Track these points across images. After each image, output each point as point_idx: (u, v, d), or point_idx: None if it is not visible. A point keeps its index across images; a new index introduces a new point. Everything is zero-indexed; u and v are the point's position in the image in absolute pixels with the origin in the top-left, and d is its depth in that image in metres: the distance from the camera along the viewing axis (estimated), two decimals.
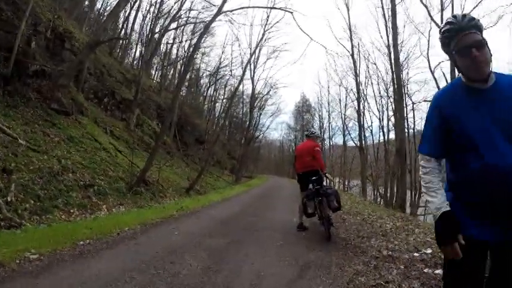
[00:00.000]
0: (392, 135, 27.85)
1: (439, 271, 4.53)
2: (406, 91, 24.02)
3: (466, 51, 1.81)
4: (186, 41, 37.94)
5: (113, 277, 3.80)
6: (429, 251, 5.61)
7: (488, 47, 1.82)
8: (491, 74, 1.85)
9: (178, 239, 6.02)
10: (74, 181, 8.96)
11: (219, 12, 16.61)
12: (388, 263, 5.02)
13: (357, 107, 29.97)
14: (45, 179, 8.12)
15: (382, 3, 23.29)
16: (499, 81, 1.85)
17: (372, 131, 34.12)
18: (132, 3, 25.92)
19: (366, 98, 32.38)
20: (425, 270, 4.63)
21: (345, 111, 38.53)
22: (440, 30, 1.97)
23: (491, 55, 1.83)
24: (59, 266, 4.05)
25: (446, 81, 18.35)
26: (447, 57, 2.19)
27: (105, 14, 26.78)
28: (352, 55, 28.79)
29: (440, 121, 1.99)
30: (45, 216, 7.07)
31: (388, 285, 4.08)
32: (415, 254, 5.45)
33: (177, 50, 40.43)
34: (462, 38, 1.83)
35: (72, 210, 7.92)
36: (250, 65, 36.18)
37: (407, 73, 26.84)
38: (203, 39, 28.48)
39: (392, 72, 21.71)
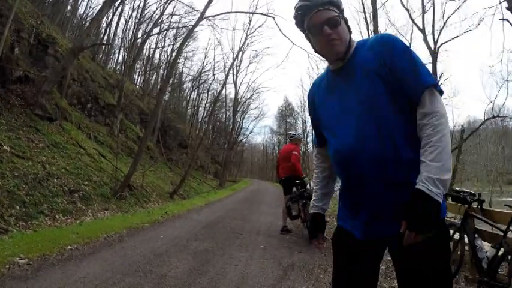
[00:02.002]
0: None
1: None
2: None
3: (318, 30, 1.64)
4: (168, 45, 38.03)
5: (101, 280, 3.90)
6: None
7: (346, 24, 1.69)
8: (351, 50, 1.69)
9: (164, 242, 6.12)
10: (59, 187, 8.97)
11: (202, 17, 16.74)
12: None
13: None
14: (30, 184, 8.13)
15: (363, 7, 23.63)
16: (357, 53, 1.68)
17: None
18: (114, 8, 25.83)
19: None
20: None
21: None
22: (294, 7, 1.73)
23: (350, 32, 1.70)
24: (48, 270, 4.13)
25: None
26: (430, 60, 2.25)
27: (88, 18, 26.73)
28: None
29: (313, 112, 1.95)
30: (31, 222, 7.09)
31: None
32: None
33: (160, 55, 40.46)
34: (314, 16, 1.64)
35: (57, 216, 7.95)
36: (233, 69, 36.39)
37: None
38: (186, 43, 28.51)
39: None
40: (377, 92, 1.56)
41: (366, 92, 1.58)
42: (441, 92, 1.53)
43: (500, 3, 12.57)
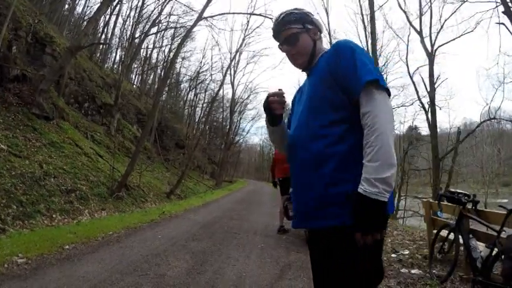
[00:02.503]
0: None
1: (415, 271, 4.80)
2: None
3: (280, 49, 1.89)
4: (166, 45, 37.91)
5: (100, 279, 3.93)
6: (406, 252, 5.87)
7: (307, 35, 1.83)
8: (316, 58, 1.83)
9: (162, 242, 6.15)
10: (56, 186, 8.98)
11: (200, 17, 16.77)
12: None
13: None
14: (27, 184, 8.13)
15: (361, 9, 23.65)
16: (319, 61, 1.80)
17: None
18: (112, 7, 25.81)
19: None
20: (402, 270, 4.88)
21: None
22: None
23: (313, 42, 1.84)
24: (47, 270, 4.16)
25: (425, 85, 18.72)
26: (427, 62, 2.27)
27: (86, 18, 26.67)
28: None
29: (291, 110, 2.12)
30: (28, 221, 7.10)
31: None
32: (393, 255, 5.70)
33: (157, 55, 40.39)
34: (278, 38, 1.89)
35: (54, 215, 7.96)
36: (230, 69, 36.33)
37: (386, 78, 27.21)
38: (183, 44, 28.52)
39: None
40: (318, 94, 1.67)
41: (312, 93, 1.72)
42: (384, 88, 1.52)
43: (496, 7, 12.65)
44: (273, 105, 1.75)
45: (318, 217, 1.56)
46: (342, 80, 1.58)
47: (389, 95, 1.56)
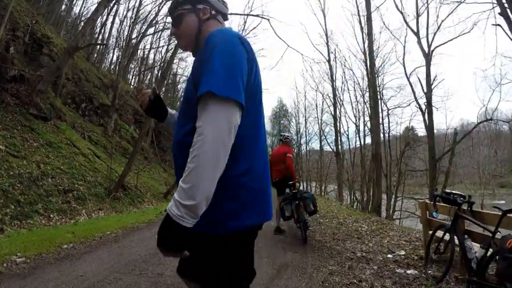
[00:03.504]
0: (368, 140, 28.32)
1: (411, 271, 4.83)
2: (381, 97, 24.43)
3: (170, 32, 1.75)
4: (163, 46, 37.89)
5: (99, 278, 3.96)
6: (402, 252, 5.91)
7: (194, 16, 1.66)
8: (202, 42, 1.51)
9: None
10: (54, 186, 8.99)
11: None
12: (362, 263, 5.29)
13: (333, 112, 30.21)
14: (25, 184, 8.14)
15: (358, 10, 23.77)
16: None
17: (348, 136, 34.38)
18: (109, 8, 25.80)
19: (343, 104, 32.61)
20: (398, 271, 4.91)
21: (322, 116, 38.31)
22: None
23: (201, 22, 1.66)
24: (45, 269, 4.18)
25: (422, 86, 18.82)
26: (423, 63, 2.20)
27: (83, 18, 26.66)
28: (329, 61, 28.92)
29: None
30: (26, 221, 7.12)
31: (361, 284, 4.33)
32: (389, 256, 5.73)
33: (154, 55, 40.36)
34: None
35: (52, 215, 7.97)
36: None
37: (383, 79, 27.30)
38: None
39: (368, 78, 22.12)
40: (189, 88, 1.50)
41: (184, 91, 1.60)
42: (224, 96, 1.27)
43: (493, 8, 12.73)
44: (139, 103, 1.75)
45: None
46: (196, 81, 1.40)
47: (242, 107, 1.33)
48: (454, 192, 4.50)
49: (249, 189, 1.42)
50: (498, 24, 12.05)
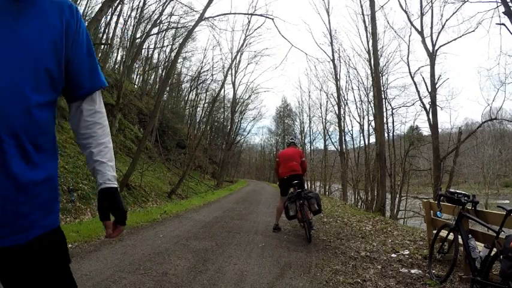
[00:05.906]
0: (372, 140, 28.21)
1: (415, 271, 4.83)
2: (386, 96, 24.32)
3: None
4: (167, 46, 37.97)
5: (103, 277, 3.98)
6: (406, 252, 5.90)
7: None
8: None
9: (164, 241, 6.19)
10: (58, 185, 9.01)
11: (201, 18, 16.78)
12: (366, 263, 5.29)
13: (337, 112, 30.14)
14: None
15: (362, 9, 23.67)
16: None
17: (352, 135, 34.28)
18: (113, 8, 25.84)
19: (347, 103, 32.44)
20: (402, 270, 4.91)
21: (326, 116, 38.18)
22: None
23: None
24: None
25: (426, 86, 18.76)
26: (428, 62, 2.19)
27: (87, 18, 26.71)
28: (333, 60, 28.83)
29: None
30: None
31: (365, 283, 4.33)
32: (393, 255, 5.73)
33: (159, 55, 40.44)
34: None
35: None
36: (231, 69, 36.46)
37: (387, 78, 27.15)
38: (185, 44, 28.57)
39: (372, 78, 22.06)
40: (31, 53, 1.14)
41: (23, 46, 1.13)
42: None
43: (497, 7, 12.68)
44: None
45: None
46: (70, 60, 1.28)
47: None
48: (458, 191, 4.48)
49: None
50: (502, 23, 12.03)
